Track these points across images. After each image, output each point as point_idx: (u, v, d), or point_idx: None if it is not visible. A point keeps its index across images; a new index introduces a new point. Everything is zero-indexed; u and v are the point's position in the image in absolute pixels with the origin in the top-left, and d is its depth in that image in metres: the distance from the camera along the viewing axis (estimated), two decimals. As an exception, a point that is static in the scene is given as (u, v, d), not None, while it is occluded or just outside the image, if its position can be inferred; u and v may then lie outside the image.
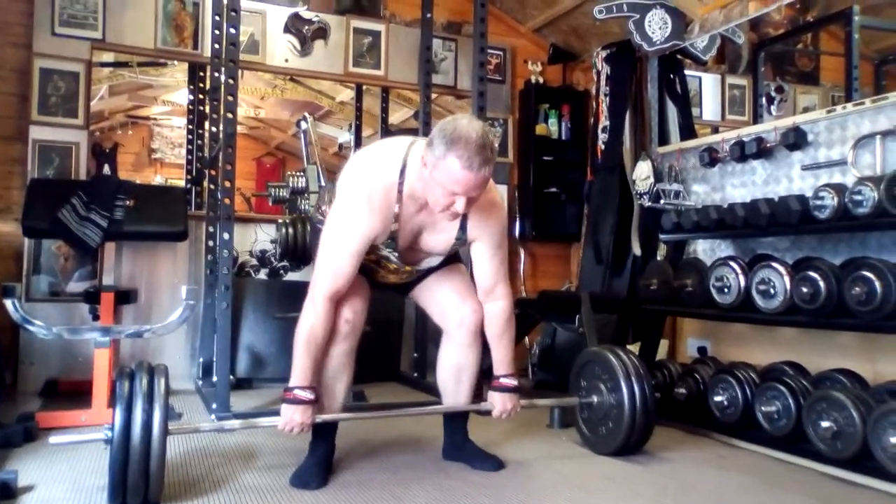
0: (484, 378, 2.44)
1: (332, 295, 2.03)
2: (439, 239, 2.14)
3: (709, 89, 4.88)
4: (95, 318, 3.19)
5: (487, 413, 2.31)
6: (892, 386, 2.39)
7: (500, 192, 2.62)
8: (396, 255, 2.13)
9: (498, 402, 2.28)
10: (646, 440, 2.49)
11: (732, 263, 2.77)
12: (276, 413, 2.07)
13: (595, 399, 2.50)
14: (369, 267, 2.19)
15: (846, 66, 3.64)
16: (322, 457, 2.18)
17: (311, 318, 2.02)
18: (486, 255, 2.18)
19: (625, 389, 2.38)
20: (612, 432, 2.44)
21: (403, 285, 2.35)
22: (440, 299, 2.30)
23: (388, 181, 2.01)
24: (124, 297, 3.24)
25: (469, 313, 2.23)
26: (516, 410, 2.31)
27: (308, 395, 2.02)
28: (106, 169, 6.24)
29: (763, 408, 2.54)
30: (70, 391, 3.33)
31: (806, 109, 4.49)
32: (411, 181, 2.01)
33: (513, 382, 2.29)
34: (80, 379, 3.33)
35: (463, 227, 2.11)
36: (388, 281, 2.28)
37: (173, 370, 3.74)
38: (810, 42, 4.77)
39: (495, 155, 1.93)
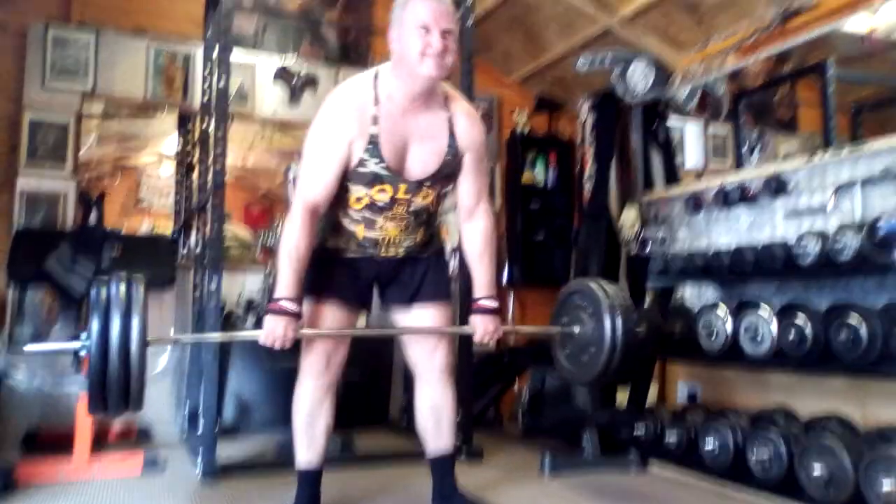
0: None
1: (310, 206, 2.00)
2: (430, 149, 2.05)
3: (692, 137, 4.98)
4: (78, 368, 3.14)
5: (470, 336, 2.22)
6: (882, 431, 2.39)
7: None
8: (385, 166, 1.99)
9: (479, 324, 2.18)
10: (625, 368, 2.38)
11: (720, 309, 2.79)
12: (265, 465, 2.03)
13: (577, 329, 2.36)
14: (368, 218, 2.09)
15: (823, 116, 3.74)
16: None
17: (290, 231, 1.99)
18: (472, 170, 2.13)
19: (606, 317, 2.24)
20: (593, 359, 2.31)
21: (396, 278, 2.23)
22: (417, 337, 2.26)
23: (361, 87, 2.02)
24: (109, 346, 3.20)
25: (441, 356, 2.23)
26: (498, 334, 2.20)
27: (293, 307, 1.98)
28: (92, 217, 6.23)
29: (755, 454, 2.53)
30: (51, 441, 3.25)
31: (786, 156, 4.58)
32: (386, 82, 2.01)
33: (493, 304, 2.19)
34: (61, 429, 3.25)
35: (452, 134, 2.06)
36: (387, 233, 2.12)
37: (158, 420, 3.73)
38: (788, 92, 4.90)
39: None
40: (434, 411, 2.26)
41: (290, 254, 1.99)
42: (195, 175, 4.09)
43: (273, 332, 1.96)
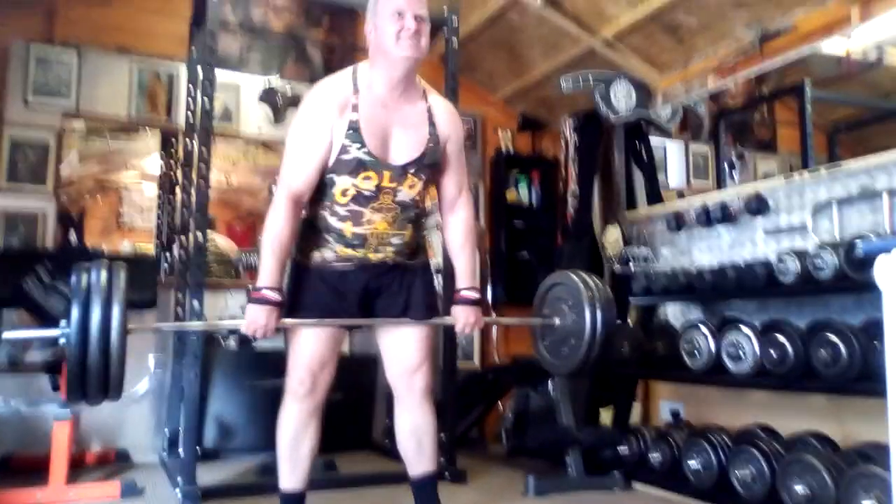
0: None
1: (293, 194, 2.01)
2: (412, 136, 2.06)
3: (673, 156, 5.04)
4: (56, 388, 3.09)
5: (451, 327, 2.21)
6: (862, 449, 2.40)
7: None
8: (367, 151, 1.99)
9: (461, 315, 2.18)
10: (604, 358, 2.39)
11: (702, 327, 2.81)
12: (247, 488, 2.01)
13: (557, 320, 2.37)
14: (355, 211, 2.06)
15: (801, 137, 3.80)
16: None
17: (273, 219, 2.01)
18: (454, 160, 2.17)
19: (587, 309, 2.24)
20: (573, 350, 2.31)
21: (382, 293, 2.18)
22: (397, 352, 2.21)
23: (340, 79, 2.07)
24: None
25: (421, 378, 2.19)
26: (479, 324, 2.21)
27: (275, 296, 1.97)
28: (72, 235, 6.17)
29: (738, 472, 2.54)
30: (27, 467, 3.19)
31: (766, 175, 4.65)
32: (365, 74, 2.05)
33: (475, 295, 2.20)
34: (37, 454, 3.20)
35: (433, 124, 2.09)
36: (375, 228, 2.09)
37: (137, 442, 3.68)
38: (767, 113, 4.98)
39: None
40: (415, 433, 2.24)
41: (272, 242, 1.99)
42: (178, 194, 4.07)
43: (255, 321, 1.96)
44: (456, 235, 2.22)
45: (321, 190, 2.06)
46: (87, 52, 3.91)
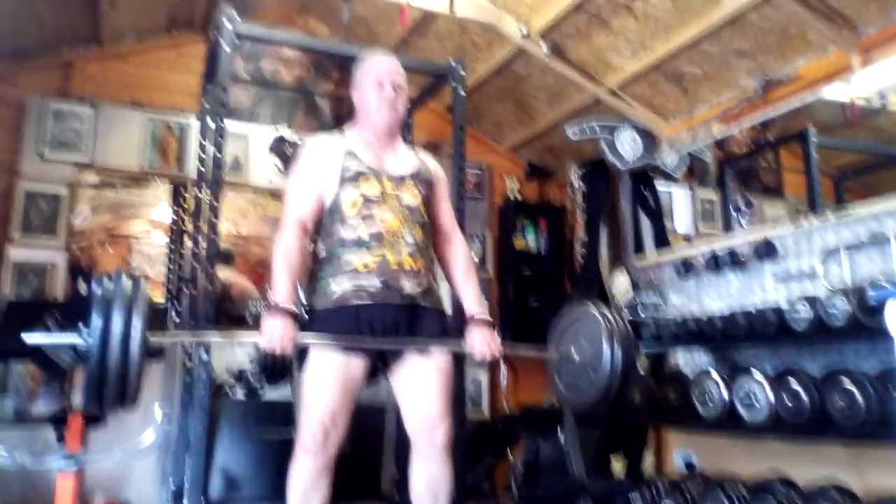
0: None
1: (297, 219, 2.14)
2: (403, 160, 2.26)
3: (680, 203, 5.04)
4: (61, 440, 3.05)
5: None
6: (883, 501, 2.34)
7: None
8: (366, 165, 2.18)
9: (477, 339, 2.18)
10: (622, 394, 2.32)
11: (714, 375, 2.77)
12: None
13: (575, 353, 2.32)
14: (366, 215, 2.11)
15: (808, 183, 3.81)
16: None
17: (283, 240, 2.12)
18: (444, 197, 2.34)
19: (605, 342, 2.20)
20: (591, 385, 2.26)
21: (398, 315, 2.14)
22: (418, 404, 2.17)
23: (329, 134, 2.31)
24: (94, 419, 3.13)
25: (442, 432, 2.15)
26: (497, 348, 2.19)
27: (291, 308, 2.02)
28: (81, 285, 6.20)
29: (756, 526, 2.47)
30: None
31: (773, 221, 4.64)
32: (352, 130, 2.28)
33: (488, 317, 2.24)
34: (41, 508, 3.16)
35: (420, 159, 2.30)
36: (389, 225, 2.12)
37: (142, 495, 3.62)
38: (772, 159, 5.00)
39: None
40: (431, 487, 2.19)
41: (282, 257, 2.09)
42: (187, 244, 4.09)
43: (272, 333, 1.98)
44: (458, 264, 2.32)
45: (331, 217, 2.15)
46: (102, 106, 4.00)
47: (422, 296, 2.15)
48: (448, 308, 2.40)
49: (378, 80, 2.22)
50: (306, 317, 2.13)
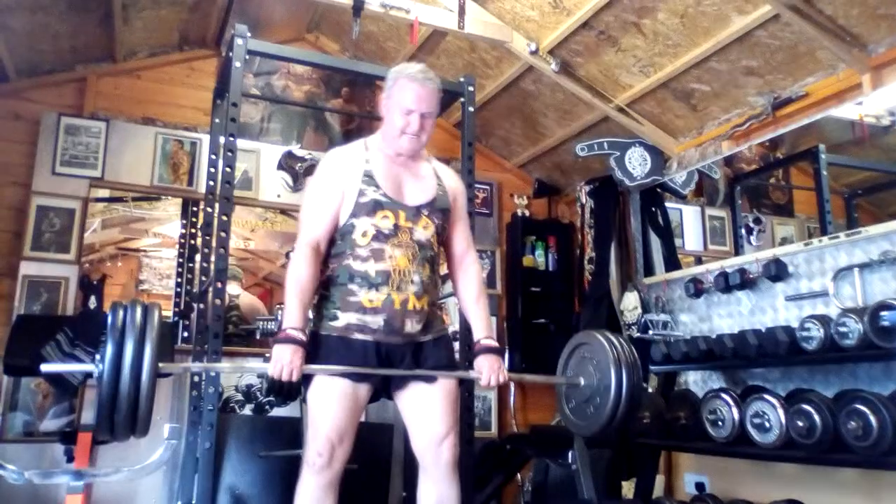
0: None
1: (312, 241, 2.13)
2: (423, 184, 2.25)
3: (690, 221, 5.02)
4: (70, 459, 3.06)
5: (470, 390, 2.17)
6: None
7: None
8: (383, 192, 2.15)
9: (485, 367, 2.19)
10: (630, 420, 2.31)
11: (725, 396, 2.75)
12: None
13: (582, 380, 2.31)
14: (376, 249, 2.11)
15: (818, 201, 3.78)
16: None
17: (295, 263, 2.12)
18: (461, 216, 2.32)
19: (612, 369, 2.19)
20: (599, 410, 2.25)
21: (403, 349, 2.16)
22: (424, 424, 2.17)
23: (351, 145, 2.29)
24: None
25: (448, 448, 2.15)
26: (504, 374, 2.20)
27: (300, 336, 2.03)
28: (92, 301, 6.22)
29: (768, 550, 2.44)
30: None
31: (784, 240, 4.61)
32: (375, 139, 2.27)
33: (495, 344, 2.24)
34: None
35: (438, 178, 2.28)
36: (397, 263, 2.12)
37: (149, 515, 3.60)
38: (782, 177, 4.99)
39: (438, 82, 2.24)
40: None
41: (294, 283, 2.08)
42: (197, 260, 4.11)
43: (281, 360, 2.00)
44: (469, 289, 2.31)
45: (343, 239, 2.16)
46: (115, 122, 4.03)
47: (422, 332, 2.18)
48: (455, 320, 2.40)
49: (407, 108, 2.17)
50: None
